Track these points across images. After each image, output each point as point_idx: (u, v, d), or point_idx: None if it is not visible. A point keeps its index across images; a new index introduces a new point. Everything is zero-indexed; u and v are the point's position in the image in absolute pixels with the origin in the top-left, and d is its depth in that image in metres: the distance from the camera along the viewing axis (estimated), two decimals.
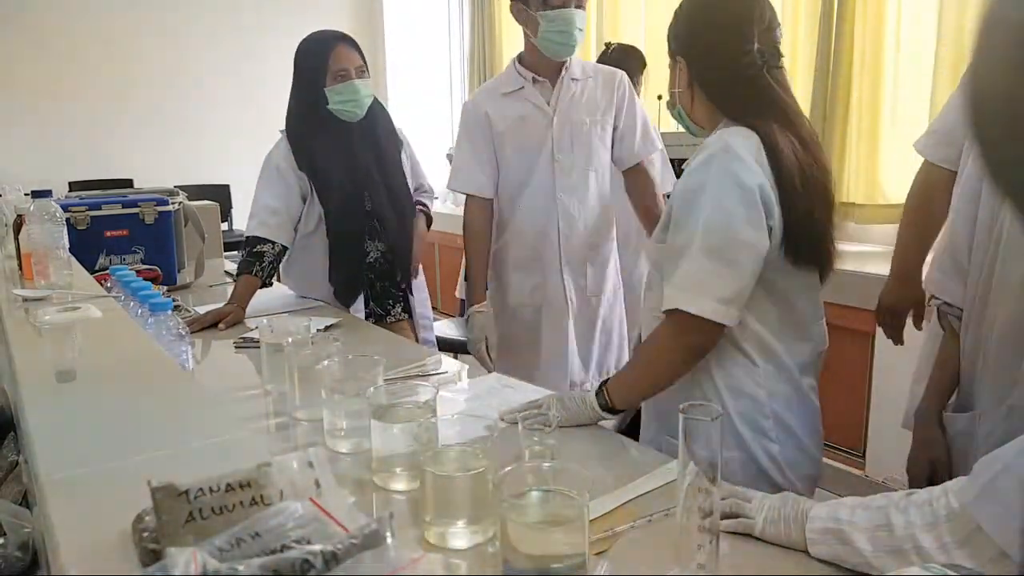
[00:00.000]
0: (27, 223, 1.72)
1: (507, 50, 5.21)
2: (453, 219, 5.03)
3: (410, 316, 2.44)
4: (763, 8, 1.36)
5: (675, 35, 1.42)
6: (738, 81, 1.34)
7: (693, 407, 0.88)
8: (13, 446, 1.22)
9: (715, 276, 1.26)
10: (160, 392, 1.04)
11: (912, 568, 0.78)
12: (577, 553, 0.87)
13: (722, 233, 1.26)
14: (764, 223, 1.27)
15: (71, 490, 0.74)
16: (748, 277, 1.27)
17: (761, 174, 1.27)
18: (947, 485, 0.88)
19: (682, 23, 1.41)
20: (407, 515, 1.08)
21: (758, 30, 1.33)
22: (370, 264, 2.35)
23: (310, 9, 5.51)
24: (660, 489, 1.15)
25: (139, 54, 5.14)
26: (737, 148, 1.29)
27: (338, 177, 2.26)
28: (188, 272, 2.68)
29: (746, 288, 1.28)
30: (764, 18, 1.35)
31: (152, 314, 1.40)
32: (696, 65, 1.38)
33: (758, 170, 1.27)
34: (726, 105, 1.37)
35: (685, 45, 1.40)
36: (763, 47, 1.33)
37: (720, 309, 1.26)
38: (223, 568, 0.51)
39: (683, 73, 1.40)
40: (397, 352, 1.88)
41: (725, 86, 1.36)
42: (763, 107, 1.34)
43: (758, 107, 1.34)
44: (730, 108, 1.36)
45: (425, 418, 1.16)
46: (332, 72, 2.17)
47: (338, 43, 2.20)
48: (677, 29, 1.41)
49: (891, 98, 3.03)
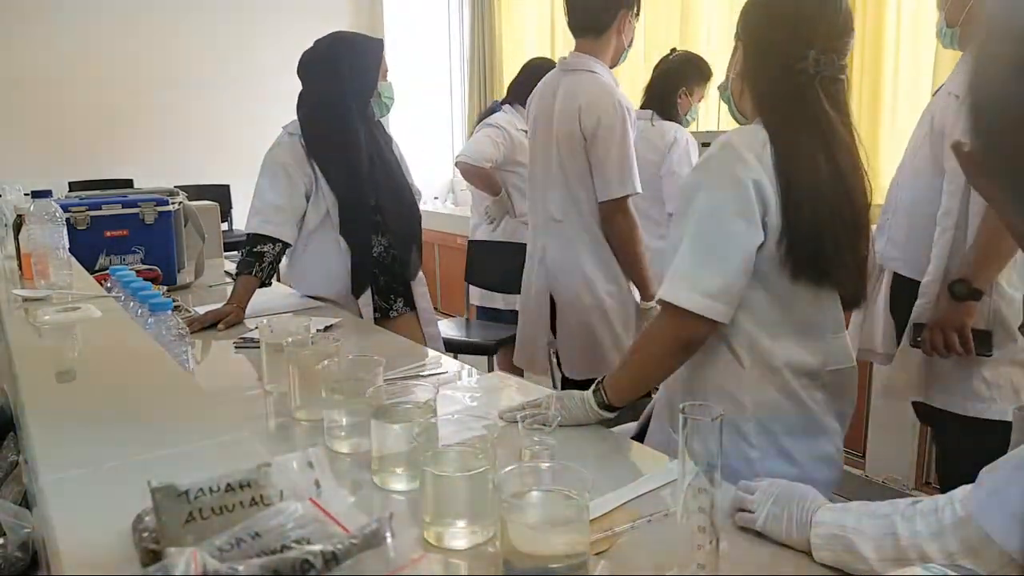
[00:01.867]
0: (27, 223, 1.72)
1: (507, 50, 5.21)
2: (453, 219, 5.05)
3: (412, 311, 2.46)
4: (835, 12, 1.29)
5: (742, 19, 1.37)
6: (785, 86, 1.29)
7: (693, 407, 0.88)
8: (13, 446, 1.22)
9: (702, 269, 1.25)
10: (160, 392, 1.04)
11: (912, 568, 0.78)
12: (577, 553, 0.87)
13: (711, 227, 1.26)
14: (757, 217, 1.25)
15: (71, 490, 0.74)
16: (736, 272, 1.25)
17: (760, 170, 1.25)
18: (953, 494, 0.87)
19: (751, 10, 1.36)
20: (407, 515, 1.08)
21: (823, 36, 1.27)
22: (375, 259, 2.37)
23: (310, 10, 5.50)
24: (660, 489, 1.15)
25: (139, 54, 5.14)
26: (737, 145, 1.27)
27: (349, 172, 2.29)
28: (188, 272, 2.68)
29: (734, 283, 1.26)
30: (835, 23, 1.29)
31: (152, 314, 1.40)
32: (751, 56, 1.34)
33: (756, 166, 1.25)
34: (764, 105, 1.33)
35: (746, 33, 1.36)
36: (822, 55, 1.26)
37: (705, 303, 1.24)
38: (223, 568, 0.51)
39: (739, 60, 1.37)
40: (397, 352, 1.88)
41: (771, 86, 1.31)
42: (800, 120, 1.28)
43: (795, 118, 1.28)
44: (767, 109, 1.32)
45: (425, 418, 1.16)
46: (382, 70, 2.34)
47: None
48: (746, 14, 1.37)
49: (891, 99, 3.03)
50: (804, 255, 1.27)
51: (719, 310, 1.26)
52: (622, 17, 2.28)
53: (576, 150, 2.26)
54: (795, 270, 1.28)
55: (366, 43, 2.36)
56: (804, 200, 1.25)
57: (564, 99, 2.29)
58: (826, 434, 1.37)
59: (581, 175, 2.28)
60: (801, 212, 1.25)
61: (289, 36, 4.75)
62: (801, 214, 1.25)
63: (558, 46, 4.89)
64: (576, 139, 2.25)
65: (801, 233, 1.26)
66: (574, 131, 2.25)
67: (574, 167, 2.28)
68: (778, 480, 1.06)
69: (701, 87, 3.00)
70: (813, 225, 1.26)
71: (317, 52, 2.32)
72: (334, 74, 2.28)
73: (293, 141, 2.31)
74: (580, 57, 2.31)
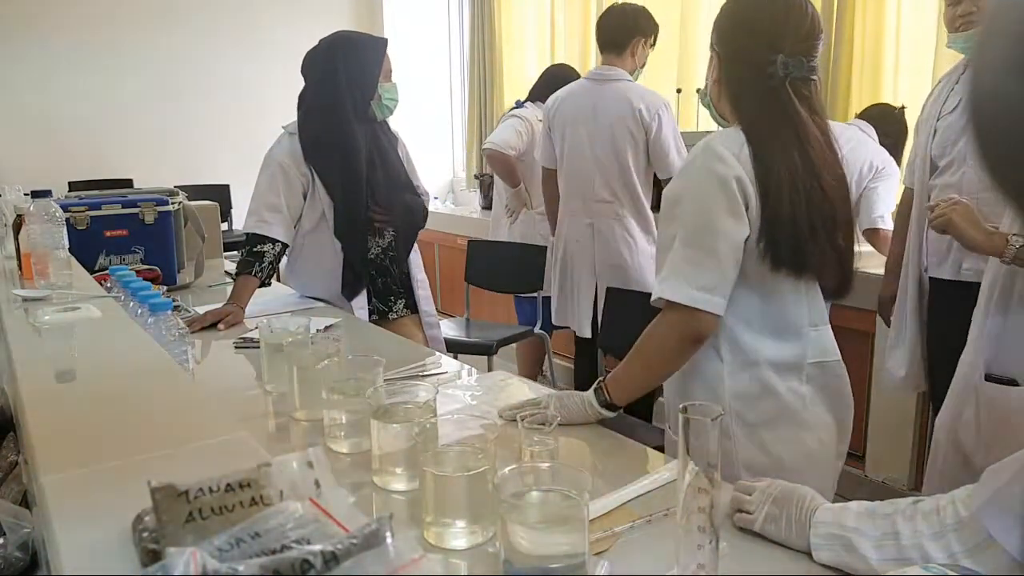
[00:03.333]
0: (27, 223, 1.72)
1: (507, 50, 5.21)
2: (453, 219, 5.04)
3: (412, 312, 2.45)
4: (801, 17, 1.35)
5: (715, 29, 1.44)
6: (757, 89, 1.35)
7: (693, 407, 0.88)
8: (13, 446, 1.22)
9: (695, 265, 1.31)
10: (160, 392, 1.04)
11: (912, 568, 0.78)
12: (577, 553, 0.87)
13: (701, 224, 1.32)
14: (743, 212, 1.30)
15: (71, 490, 0.74)
16: (728, 266, 1.31)
17: (739, 168, 1.31)
18: (954, 494, 0.87)
19: (722, 19, 1.43)
20: (407, 515, 1.08)
21: (791, 41, 1.34)
22: (371, 260, 2.36)
23: (310, 9, 5.50)
24: (660, 489, 1.15)
25: (139, 54, 5.13)
26: (716, 146, 1.33)
27: (346, 173, 2.27)
28: (188, 272, 2.68)
29: (727, 276, 1.31)
30: (801, 28, 1.35)
31: (152, 314, 1.40)
32: (725, 64, 1.41)
33: (735, 163, 1.31)
34: (739, 108, 1.39)
35: (719, 42, 1.42)
36: (790, 59, 1.33)
37: (702, 297, 1.29)
38: (223, 568, 0.51)
39: (715, 68, 1.43)
40: (397, 352, 1.88)
41: (743, 89, 1.38)
42: (773, 120, 1.34)
43: (768, 119, 1.34)
44: (742, 111, 1.38)
45: (425, 418, 1.16)
46: (384, 70, 2.31)
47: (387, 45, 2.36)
48: (718, 24, 1.43)
49: (890, 98, 3.03)
50: (782, 246, 1.32)
51: (716, 303, 1.30)
52: (636, 42, 2.86)
53: (637, 143, 2.80)
54: (775, 261, 1.32)
55: (368, 42, 2.34)
56: (781, 193, 1.30)
57: (618, 102, 2.80)
58: (809, 429, 1.38)
59: (637, 162, 2.82)
60: (779, 205, 1.30)
61: (289, 36, 4.76)
62: (779, 207, 1.30)
63: (558, 46, 4.89)
64: (638, 134, 2.79)
65: (780, 225, 1.31)
66: (635, 128, 2.78)
67: (632, 157, 2.81)
68: (777, 481, 1.06)
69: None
70: (791, 217, 1.31)
71: (318, 51, 2.31)
72: (332, 73, 2.26)
73: (292, 141, 2.31)
74: (611, 69, 2.87)
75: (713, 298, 1.30)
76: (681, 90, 3.69)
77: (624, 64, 2.87)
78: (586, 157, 2.88)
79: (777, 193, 1.30)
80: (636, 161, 2.82)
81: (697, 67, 3.86)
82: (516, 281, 3.44)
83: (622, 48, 2.85)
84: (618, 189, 2.84)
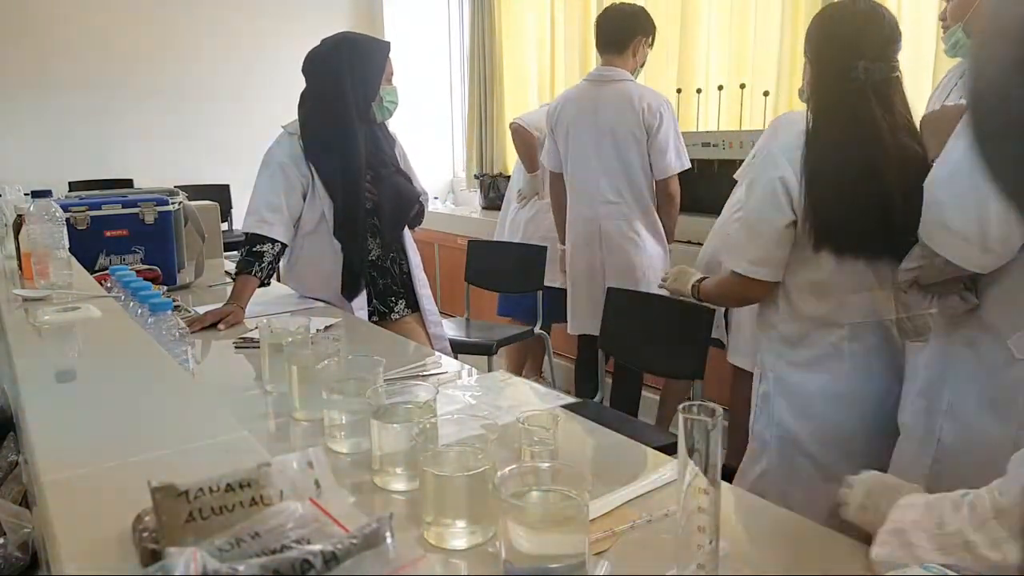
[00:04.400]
0: (27, 223, 1.72)
1: (507, 50, 5.20)
2: (453, 219, 5.04)
3: (414, 312, 2.45)
4: (879, 27, 1.53)
5: (806, 39, 1.63)
6: (840, 95, 1.53)
7: (693, 407, 0.88)
8: (13, 446, 1.22)
9: (745, 242, 1.66)
10: (160, 392, 1.04)
11: (912, 568, 0.78)
12: (577, 553, 0.87)
13: (751, 213, 1.64)
14: (783, 204, 1.56)
15: (71, 490, 0.74)
16: (771, 245, 1.60)
17: (788, 169, 1.55)
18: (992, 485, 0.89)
19: (812, 29, 1.62)
20: (407, 515, 1.08)
21: (871, 47, 1.51)
22: (371, 262, 2.36)
23: (310, 10, 5.50)
24: (660, 489, 1.16)
25: (139, 54, 5.13)
26: (774, 149, 1.62)
27: (345, 174, 2.27)
28: (188, 272, 2.68)
29: (772, 252, 1.60)
30: (880, 36, 1.53)
31: (152, 314, 1.40)
32: (813, 69, 1.60)
33: (784, 164, 1.56)
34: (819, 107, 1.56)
35: (809, 50, 1.62)
36: (871, 64, 1.50)
37: (750, 268, 1.63)
38: (223, 568, 0.51)
39: (807, 72, 1.63)
40: (397, 352, 1.88)
41: (828, 95, 1.57)
42: (844, 120, 1.52)
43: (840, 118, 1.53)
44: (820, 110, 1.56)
45: (425, 418, 1.16)
46: (386, 73, 2.33)
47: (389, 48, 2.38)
48: (808, 34, 1.63)
49: None
50: (823, 231, 1.54)
51: (761, 272, 1.63)
52: (637, 41, 2.86)
53: (641, 142, 2.82)
54: (816, 242, 1.56)
55: (371, 45, 2.34)
56: (826, 188, 1.52)
57: (620, 102, 2.81)
58: (837, 374, 1.59)
59: (642, 162, 2.83)
60: (823, 198, 1.52)
61: (289, 36, 4.76)
62: (822, 200, 1.52)
63: (558, 46, 4.88)
64: (640, 134, 2.81)
65: (820, 214, 1.53)
66: (638, 128, 2.80)
67: (635, 157, 2.83)
68: (874, 472, 1.07)
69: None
70: (834, 206, 1.52)
71: (321, 51, 2.31)
72: (335, 74, 2.26)
73: (292, 141, 2.31)
74: (612, 69, 2.87)
75: (759, 269, 1.62)
76: (681, 90, 3.69)
77: (625, 64, 2.87)
78: (590, 159, 2.89)
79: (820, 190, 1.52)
80: (641, 161, 2.83)
81: (697, 67, 3.86)
82: (516, 281, 3.44)
83: (623, 48, 2.86)
84: (623, 190, 2.86)
